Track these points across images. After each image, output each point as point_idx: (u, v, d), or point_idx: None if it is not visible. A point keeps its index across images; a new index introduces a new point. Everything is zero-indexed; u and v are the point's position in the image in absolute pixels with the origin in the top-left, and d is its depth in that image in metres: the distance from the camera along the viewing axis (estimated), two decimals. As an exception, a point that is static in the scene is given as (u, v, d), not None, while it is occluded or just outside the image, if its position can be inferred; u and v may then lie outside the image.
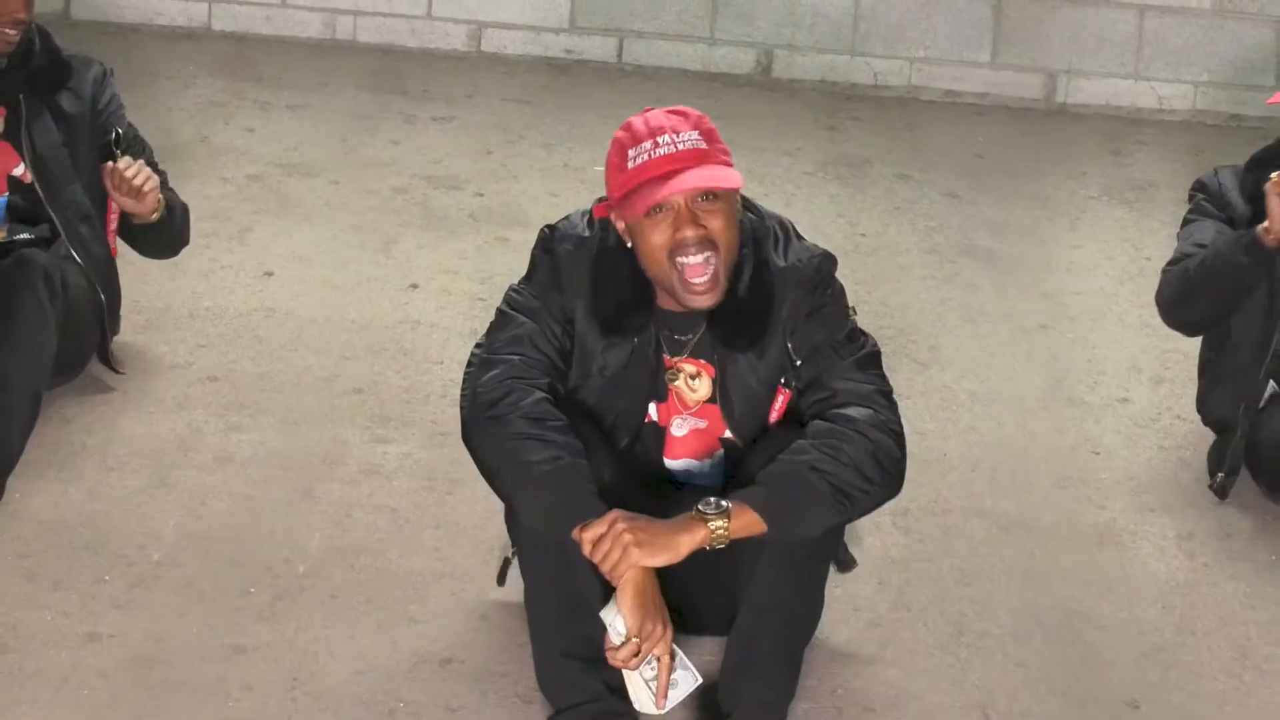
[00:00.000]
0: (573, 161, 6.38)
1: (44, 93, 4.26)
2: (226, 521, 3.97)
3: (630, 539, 3.00)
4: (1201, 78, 7.36)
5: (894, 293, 5.43)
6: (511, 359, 3.24)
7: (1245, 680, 3.70)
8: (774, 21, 7.39)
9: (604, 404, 3.36)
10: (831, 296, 3.33)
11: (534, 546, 3.20)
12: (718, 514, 3.04)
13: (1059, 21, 7.35)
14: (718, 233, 3.17)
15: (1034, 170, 6.67)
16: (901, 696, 3.55)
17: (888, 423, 3.19)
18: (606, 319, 3.30)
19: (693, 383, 3.38)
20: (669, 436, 3.42)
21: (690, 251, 3.17)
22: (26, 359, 3.87)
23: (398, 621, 3.66)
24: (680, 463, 3.45)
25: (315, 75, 7.03)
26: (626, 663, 3.05)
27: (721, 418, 3.39)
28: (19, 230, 4.24)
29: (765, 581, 3.16)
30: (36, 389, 3.89)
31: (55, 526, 3.88)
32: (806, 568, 3.22)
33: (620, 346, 3.32)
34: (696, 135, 3.19)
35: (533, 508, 3.11)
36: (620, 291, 3.29)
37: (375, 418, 4.47)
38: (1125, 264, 5.78)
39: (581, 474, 3.09)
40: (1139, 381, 4.99)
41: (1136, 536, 4.21)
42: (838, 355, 3.27)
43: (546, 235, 3.38)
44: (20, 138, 4.22)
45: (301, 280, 5.23)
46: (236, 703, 3.38)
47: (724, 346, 3.33)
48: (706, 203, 3.17)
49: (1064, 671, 3.68)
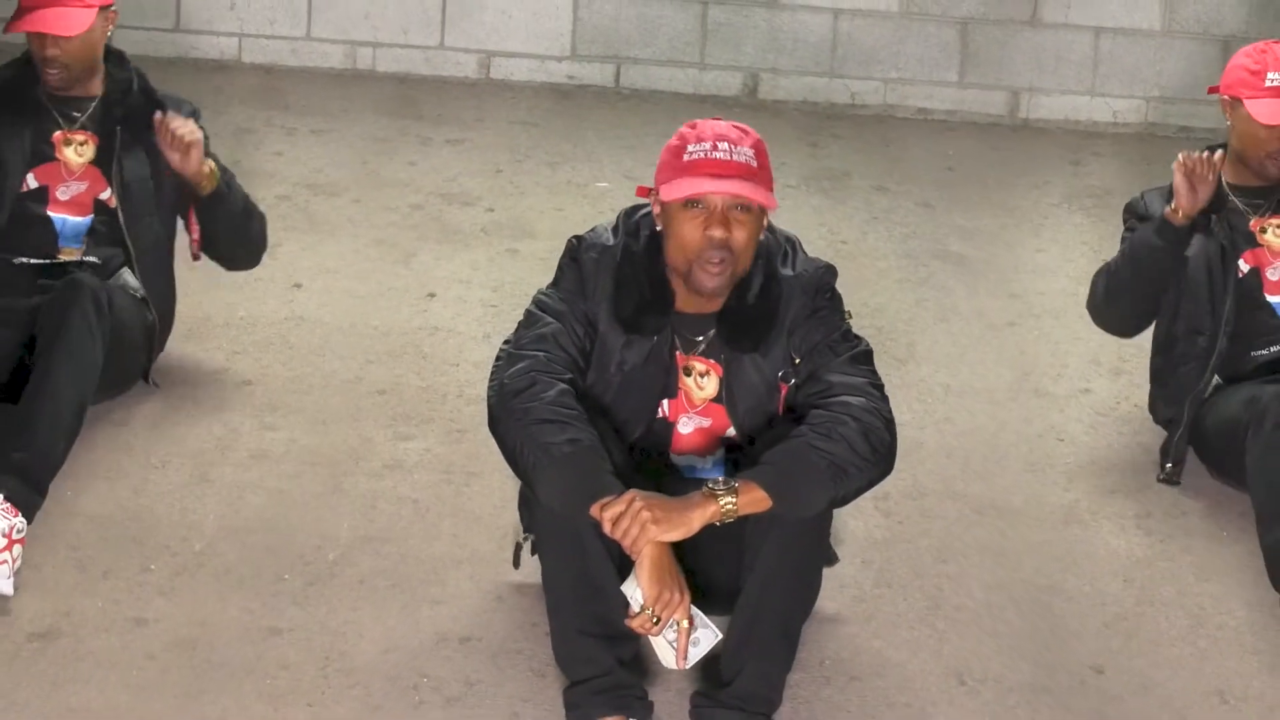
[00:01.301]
0: (575, 178, 6.37)
1: (138, 128, 4.26)
2: (262, 514, 3.97)
3: (647, 516, 3.02)
4: (1152, 93, 7.36)
5: (873, 295, 5.43)
6: (537, 354, 3.26)
7: (1200, 646, 3.70)
8: (759, 47, 7.38)
9: (620, 399, 3.37)
10: (830, 302, 3.37)
11: (550, 533, 3.20)
12: (727, 491, 3.06)
13: (1021, 43, 7.35)
14: (740, 243, 3.24)
15: (1000, 181, 6.67)
16: (884, 665, 3.55)
17: (879, 410, 3.21)
18: (627, 319, 3.33)
19: (701, 380, 3.39)
20: (676, 433, 3.43)
21: (713, 250, 3.23)
22: (74, 372, 3.86)
23: (420, 603, 3.66)
24: (685, 458, 3.45)
25: (338, 102, 7.03)
26: (645, 629, 3.07)
27: (726, 416, 3.41)
28: (93, 253, 4.24)
29: (767, 565, 3.16)
30: (82, 401, 3.88)
31: (104, 520, 3.88)
32: (805, 554, 3.24)
33: (639, 345, 3.35)
34: (751, 154, 3.27)
35: (553, 488, 3.11)
36: (640, 295, 3.33)
37: (397, 416, 4.47)
38: (1085, 265, 5.76)
39: (599, 456, 3.10)
40: (1099, 374, 4.99)
41: (1098, 516, 4.21)
42: (833, 353, 3.30)
43: (574, 245, 3.41)
44: (111, 166, 4.23)
45: (328, 291, 5.22)
46: (273, 680, 3.37)
47: (731, 348, 3.36)
48: (739, 213, 3.24)
49: (1033, 640, 3.68)
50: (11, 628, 3.47)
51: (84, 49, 4.20)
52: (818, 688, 3.45)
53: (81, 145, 4.25)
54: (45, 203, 4.23)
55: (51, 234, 4.23)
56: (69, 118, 4.25)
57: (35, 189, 4.22)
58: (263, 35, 7.40)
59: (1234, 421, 4.06)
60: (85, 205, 4.24)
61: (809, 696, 3.41)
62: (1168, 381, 4.37)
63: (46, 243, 4.23)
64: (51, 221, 4.23)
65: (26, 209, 4.22)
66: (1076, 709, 3.46)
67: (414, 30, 7.41)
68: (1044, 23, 7.34)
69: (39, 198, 4.22)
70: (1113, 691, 3.53)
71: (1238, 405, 4.08)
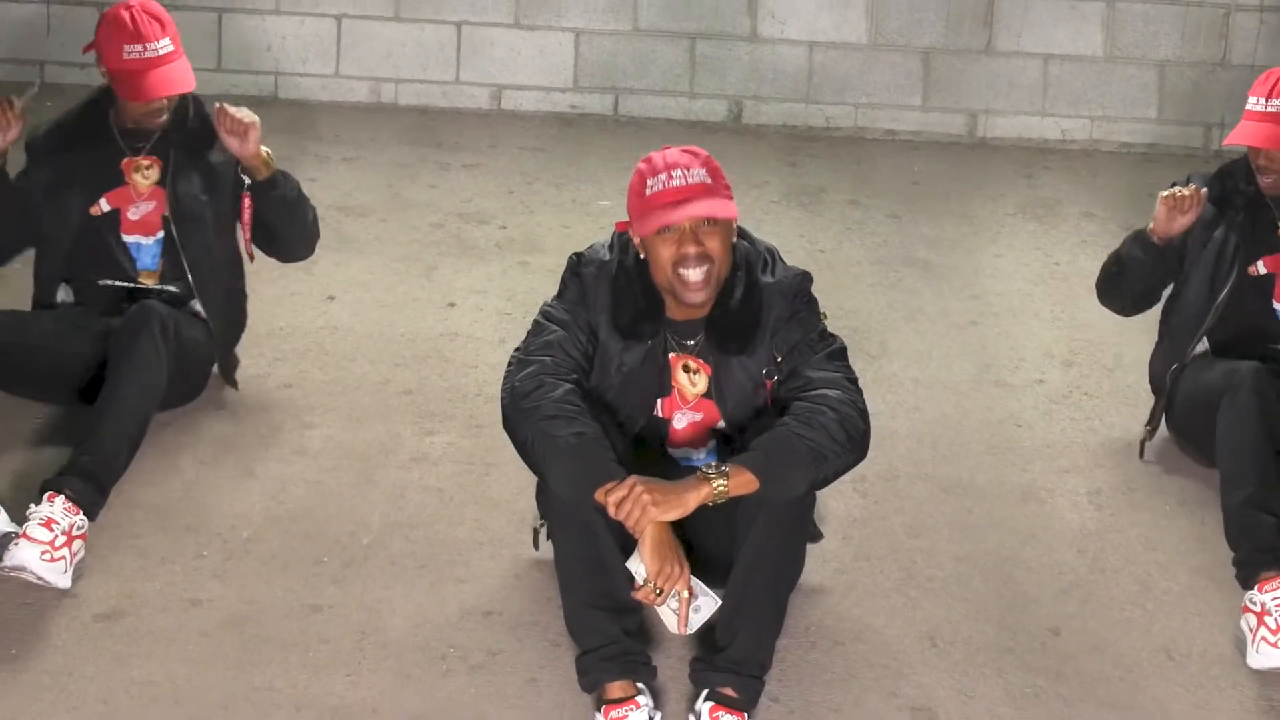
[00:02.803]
0: (579, 198, 6.37)
1: (195, 150, 4.25)
2: (302, 503, 3.97)
3: (647, 498, 3.03)
4: (1096, 113, 7.35)
5: (848, 298, 5.42)
6: (544, 359, 3.26)
7: (1148, 609, 3.70)
8: (742, 77, 7.38)
9: (620, 397, 3.38)
10: (807, 304, 3.38)
11: (563, 517, 3.20)
12: (719, 475, 3.07)
13: (977, 70, 7.34)
14: (714, 250, 3.24)
15: (961, 194, 6.67)
16: (864, 630, 3.56)
17: (854, 401, 3.22)
18: (624, 327, 3.34)
19: (694, 379, 3.40)
20: (671, 429, 3.44)
21: (690, 264, 3.23)
22: (140, 389, 3.85)
23: (446, 582, 3.66)
24: (680, 450, 3.46)
25: (364, 133, 7.03)
26: (649, 600, 3.09)
27: (716, 410, 3.41)
28: (169, 280, 4.24)
29: (756, 542, 3.17)
30: (146, 415, 3.87)
31: (162, 512, 3.88)
32: (790, 532, 3.25)
33: (636, 349, 3.35)
34: (704, 172, 3.25)
35: (562, 476, 3.12)
36: (635, 304, 3.33)
37: (423, 414, 4.47)
38: (1038, 269, 5.77)
39: (602, 446, 3.11)
40: (1052, 366, 4.99)
41: (1054, 493, 4.21)
42: (812, 351, 3.31)
43: (575, 261, 3.42)
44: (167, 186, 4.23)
45: (359, 302, 5.22)
46: (315, 653, 3.38)
47: (719, 350, 3.36)
48: (707, 227, 3.23)
49: (997, 606, 3.68)
50: (80, 609, 3.48)
51: None
52: (804, 651, 3.45)
53: (147, 169, 4.24)
54: (118, 226, 4.22)
55: (130, 259, 4.23)
56: (134, 147, 4.25)
57: (108, 212, 4.22)
58: (296, 73, 7.39)
59: (1209, 389, 3.98)
60: (154, 224, 4.23)
61: (796, 660, 3.42)
62: (1163, 342, 4.33)
63: (127, 267, 4.22)
64: (128, 247, 4.23)
65: (103, 235, 4.21)
66: (1036, 667, 3.46)
67: (432, 67, 7.41)
68: (998, 51, 7.34)
69: (112, 221, 4.22)
70: (1069, 651, 3.53)
71: (1216, 374, 4.00)
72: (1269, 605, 3.48)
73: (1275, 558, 3.57)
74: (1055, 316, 5.32)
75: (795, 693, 3.32)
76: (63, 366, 4.07)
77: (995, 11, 7.30)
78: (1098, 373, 4.89)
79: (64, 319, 4.15)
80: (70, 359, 4.06)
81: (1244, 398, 3.80)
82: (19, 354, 4.01)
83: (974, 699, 3.35)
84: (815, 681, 3.36)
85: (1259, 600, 3.50)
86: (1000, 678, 3.42)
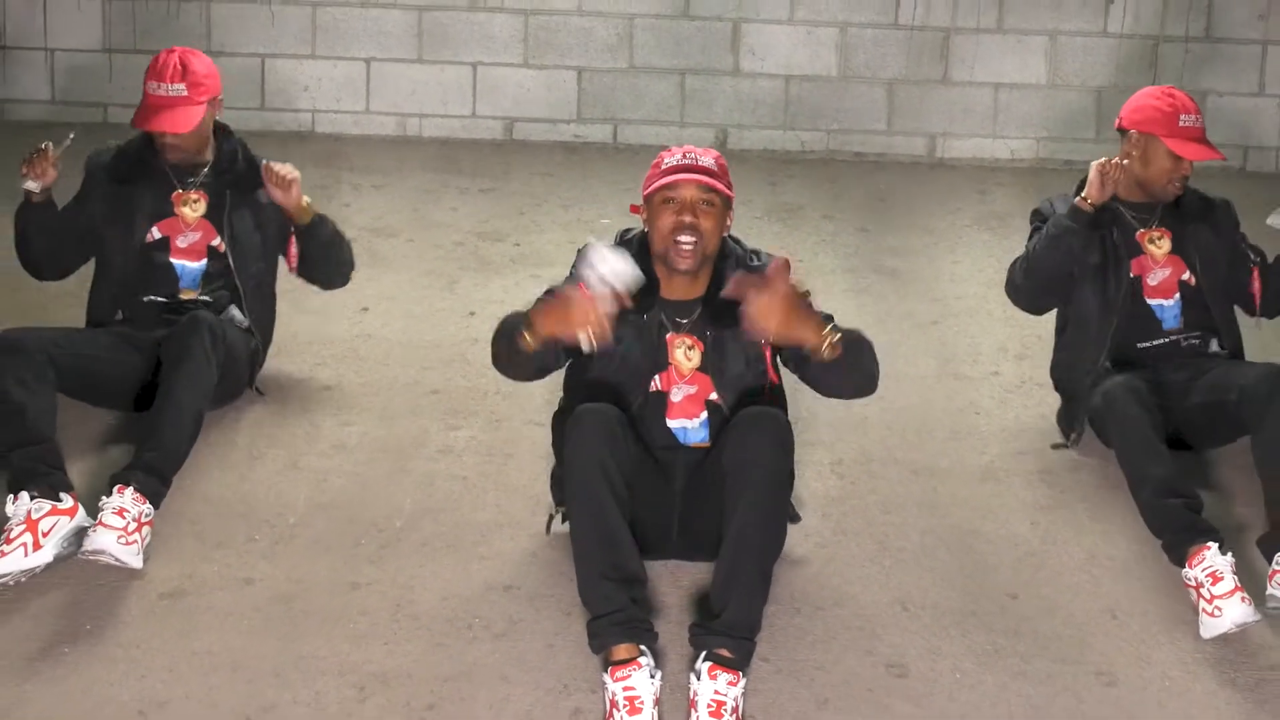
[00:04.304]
0: (584, 217, 6.37)
1: (245, 190, 4.27)
2: (342, 492, 3.97)
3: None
4: (1042, 134, 7.35)
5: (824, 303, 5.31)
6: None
7: (1094, 575, 3.70)
8: (726, 107, 7.38)
9: (621, 375, 3.43)
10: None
11: (578, 497, 3.23)
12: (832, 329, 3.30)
13: (936, 98, 7.35)
14: (706, 229, 3.40)
15: (922, 208, 6.67)
16: (843, 597, 3.56)
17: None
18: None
19: (689, 354, 3.44)
20: (669, 402, 3.45)
21: (685, 233, 3.36)
22: (194, 389, 3.86)
23: (471, 559, 3.66)
24: (677, 422, 3.47)
25: (392, 162, 7.03)
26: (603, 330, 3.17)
27: (710, 382, 3.45)
28: (207, 293, 4.24)
29: (742, 520, 3.18)
30: (200, 411, 3.88)
31: (217, 501, 3.88)
32: (772, 510, 3.25)
33: (634, 323, 3.41)
34: (713, 161, 3.45)
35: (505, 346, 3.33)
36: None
37: (448, 411, 4.46)
38: (991, 274, 5.76)
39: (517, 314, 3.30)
40: (1006, 359, 4.99)
41: (1009, 473, 4.21)
42: None
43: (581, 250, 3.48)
44: (221, 221, 4.24)
45: (389, 313, 5.22)
46: (355, 624, 3.38)
47: (716, 325, 3.43)
48: (705, 206, 3.39)
49: (960, 574, 3.68)
50: (147, 589, 3.48)
51: (195, 134, 4.20)
52: (790, 617, 3.45)
53: (195, 203, 4.24)
54: (168, 251, 4.23)
55: (174, 278, 4.23)
56: (184, 182, 4.25)
57: (159, 239, 4.23)
58: (331, 110, 7.40)
59: (1097, 409, 4.04)
60: (200, 252, 4.24)
61: (783, 624, 3.42)
62: (1065, 358, 4.32)
63: (170, 285, 4.23)
64: (174, 268, 4.23)
65: (153, 257, 4.22)
66: (996, 627, 3.46)
67: (451, 103, 7.41)
68: (953, 81, 7.34)
69: (162, 247, 4.23)
70: (1025, 613, 3.53)
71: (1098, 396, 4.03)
72: (1201, 579, 3.46)
73: (1193, 533, 3.56)
74: (1008, 316, 5.31)
75: (783, 653, 3.32)
76: (121, 378, 4.09)
77: (950, 46, 7.30)
78: (1046, 365, 4.88)
79: (118, 335, 4.16)
80: (127, 371, 4.08)
81: (1120, 409, 3.86)
82: (84, 367, 4.01)
83: (941, 656, 3.35)
84: (800, 643, 3.36)
85: (1192, 575, 3.49)
86: (964, 637, 3.42)
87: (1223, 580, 3.43)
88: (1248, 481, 3.90)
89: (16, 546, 3.44)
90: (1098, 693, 3.25)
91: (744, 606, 3.16)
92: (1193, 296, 4.16)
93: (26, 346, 3.78)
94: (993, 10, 7.26)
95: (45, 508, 3.51)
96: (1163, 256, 4.17)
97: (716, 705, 3.00)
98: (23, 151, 4.15)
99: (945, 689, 3.24)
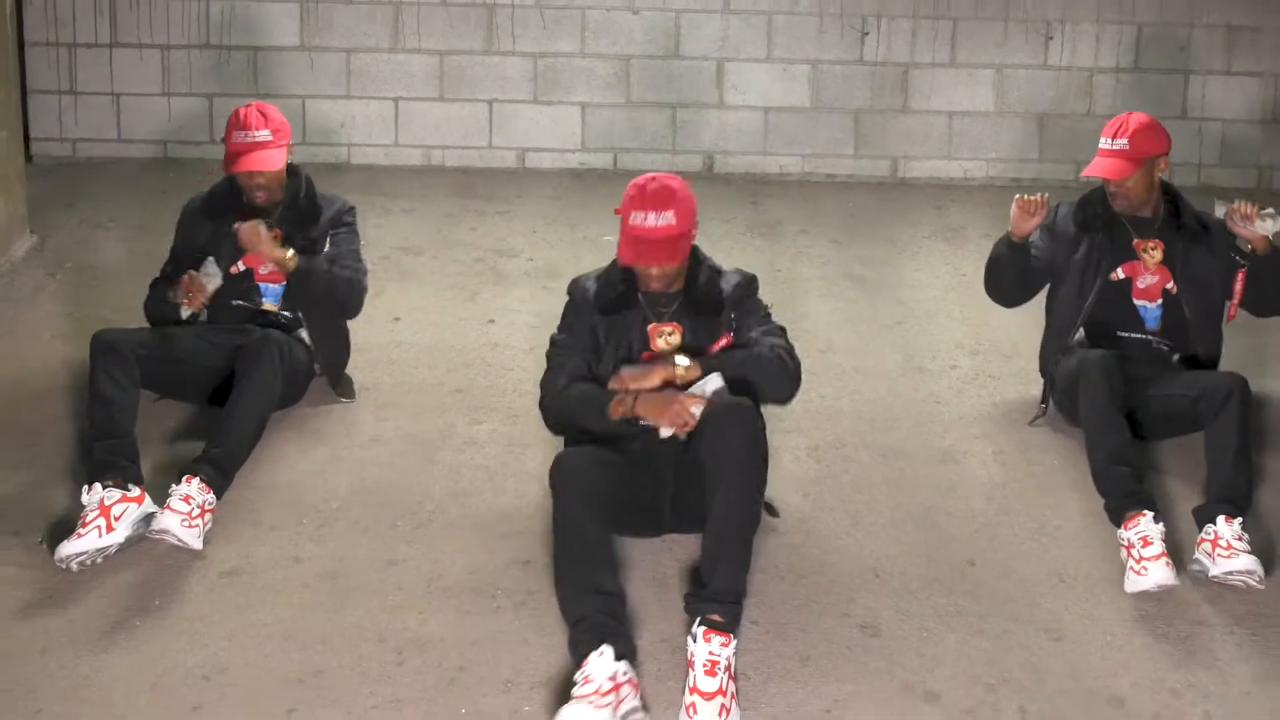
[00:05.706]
0: (588, 235, 6.36)
1: (305, 224, 4.25)
2: (379, 480, 3.98)
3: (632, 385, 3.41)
4: (991, 156, 7.35)
5: (800, 306, 5.42)
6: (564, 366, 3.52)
7: (1043, 543, 3.71)
8: (713, 136, 7.38)
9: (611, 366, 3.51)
10: (755, 293, 3.61)
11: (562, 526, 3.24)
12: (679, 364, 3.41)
13: (897, 126, 7.35)
14: (669, 270, 3.49)
15: (887, 222, 6.67)
16: (821, 565, 3.56)
17: (790, 349, 3.49)
18: (605, 307, 3.54)
19: (670, 338, 3.54)
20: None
21: (651, 276, 3.49)
22: (260, 399, 3.87)
23: (494, 538, 3.66)
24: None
25: (418, 189, 7.03)
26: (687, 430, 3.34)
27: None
28: (287, 307, 4.23)
29: (725, 499, 3.21)
30: (263, 419, 3.89)
31: (269, 489, 3.89)
32: (749, 492, 3.27)
33: (618, 323, 3.54)
34: (671, 215, 3.41)
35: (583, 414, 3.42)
36: (614, 291, 3.55)
37: (471, 408, 4.47)
38: (948, 279, 5.77)
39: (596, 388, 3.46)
40: (962, 355, 4.99)
41: (967, 455, 4.21)
42: (758, 324, 3.54)
43: (570, 286, 3.64)
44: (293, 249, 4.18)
45: (418, 322, 5.22)
46: (392, 597, 3.39)
47: (694, 314, 3.54)
48: (666, 253, 3.44)
49: (925, 544, 3.69)
50: (208, 568, 3.49)
51: (276, 175, 4.19)
52: (775, 584, 3.46)
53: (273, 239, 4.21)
54: (254, 275, 4.23)
55: (259, 294, 4.24)
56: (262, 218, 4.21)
57: (244, 271, 4.22)
58: (364, 144, 7.39)
59: (1072, 374, 4.02)
60: (279, 277, 4.21)
61: (769, 590, 3.42)
62: (1046, 339, 4.32)
63: (254, 295, 4.24)
64: (259, 287, 4.24)
65: (242, 280, 4.23)
66: (957, 591, 3.47)
67: (470, 136, 7.41)
68: (912, 110, 7.34)
69: (248, 275, 4.23)
70: (982, 578, 3.54)
71: (1074, 363, 4.03)
72: (1133, 540, 3.48)
73: (1135, 500, 3.58)
74: (964, 316, 5.32)
75: (769, 616, 3.33)
76: (199, 375, 4.09)
77: (910, 80, 7.30)
78: (998, 359, 4.90)
79: (199, 336, 4.14)
80: (204, 369, 4.09)
81: (1094, 377, 3.85)
82: (167, 365, 4.02)
83: (909, 617, 3.35)
84: (784, 607, 3.37)
85: (1126, 536, 3.51)
86: (929, 600, 3.42)
87: (1152, 545, 3.45)
88: (1190, 466, 3.90)
89: (91, 528, 3.46)
90: (1047, 647, 3.26)
91: (730, 575, 3.17)
92: (1172, 305, 4.14)
93: (119, 347, 3.80)
94: (946, 47, 7.26)
95: (116, 495, 3.52)
96: (1153, 264, 4.14)
97: (711, 664, 3.01)
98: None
99: (913, 646, 3.25)
